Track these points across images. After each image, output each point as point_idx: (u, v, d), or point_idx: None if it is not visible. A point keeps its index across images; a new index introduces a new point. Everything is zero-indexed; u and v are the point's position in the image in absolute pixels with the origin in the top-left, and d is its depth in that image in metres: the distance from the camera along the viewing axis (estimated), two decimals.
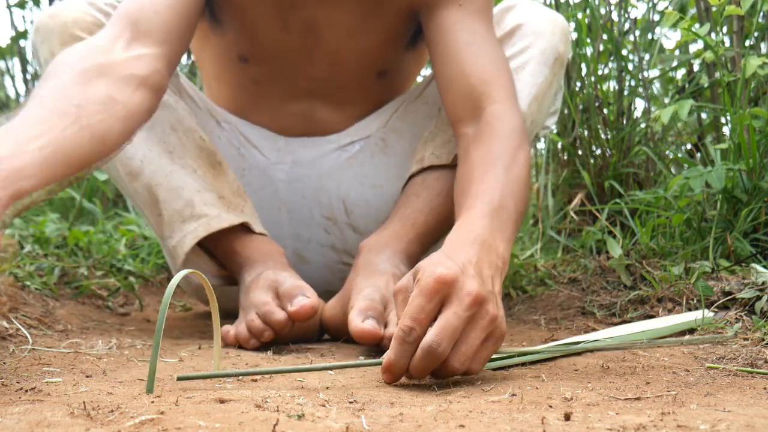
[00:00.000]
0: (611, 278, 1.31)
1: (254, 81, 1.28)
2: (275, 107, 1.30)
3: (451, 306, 0.73)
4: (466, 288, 0.74)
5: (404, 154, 1.28)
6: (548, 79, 1.22)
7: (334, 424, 0.58)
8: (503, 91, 1.05)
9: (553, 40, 1.22)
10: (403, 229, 1.14)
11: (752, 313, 1.04)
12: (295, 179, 1.30)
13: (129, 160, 1.14)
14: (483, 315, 0.75)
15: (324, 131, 1.32)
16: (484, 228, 0.85)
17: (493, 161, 0.96)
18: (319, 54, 1.22)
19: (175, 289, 0.77)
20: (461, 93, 1.07)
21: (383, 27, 1.20)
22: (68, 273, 1.47)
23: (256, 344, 1.01)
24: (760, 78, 1.39)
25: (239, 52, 1.25)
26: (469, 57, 1.08)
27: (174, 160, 1.14)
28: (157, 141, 1.14)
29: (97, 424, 0.57)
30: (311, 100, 1.29)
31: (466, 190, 0.94)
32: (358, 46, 1.22)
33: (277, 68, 1.25)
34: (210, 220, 1.12)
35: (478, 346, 0.74)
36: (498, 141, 0.99)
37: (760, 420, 0.59)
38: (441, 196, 1.17)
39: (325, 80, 1.26)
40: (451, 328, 0.73)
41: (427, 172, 1.19)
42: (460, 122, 1.07)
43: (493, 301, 0.77)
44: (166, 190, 1.13)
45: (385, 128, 1.30)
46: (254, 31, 1.20)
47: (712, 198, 1.38)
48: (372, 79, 1.29)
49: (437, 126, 1.21)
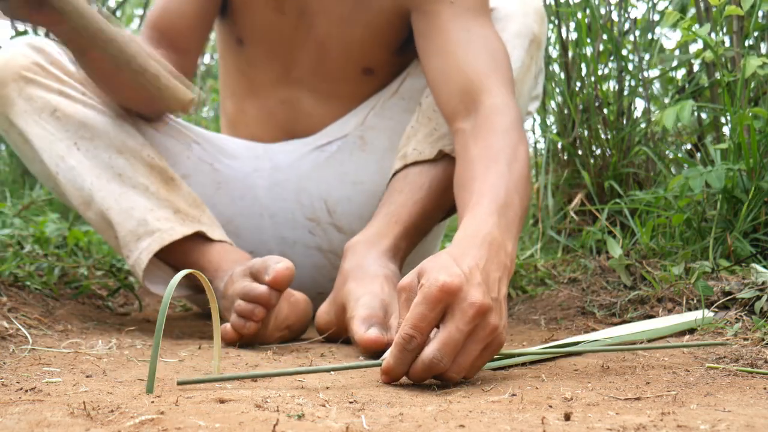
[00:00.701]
0: (611, 278, 1.31)
1: (249, 63, 1.32)
2: (266, 93, 1.33)
3: (453, 318, 0.73)
4: (470, 299, 0.73)
5: (383, 150, 1.29)
6: (525, 63, 1.21)
7: (334, 424, 0.58)
8: (500, 84, 1.05)
9: (526, 21, 1.21)
10: (387, 227, 1.13)
11: (752, 313, 1.04)
12: (275, 184, 1.31)
13: (79, 191, 1.15)
14: (484, 326, 0.75)
15: (306, 127, 1.34)
16: (492, 227, 0.84)
17: (495, 157, 0.95)
18: (309, 40, 1.26)
19: (173, 293, 0.77)
20: (457, 87, 1.07)
21: (371, 21, 1.23)
22: (68, 273, 1.47)
23: (253, 326, 0.99)
24: (760, 78, 1.39)
25: (237, 35, 1.30)
26: (463, 52, 1.08)
27: (124, 182, 1.15)
28: (104, 167, 1.15)
29: (97, 424, 0.57)
30: (299, 88, 1.31)
31: (468, 186, 0.94)
32: (346, 36, 1.25)
33: (270, 51, 1.28)
34: (163, 234, 1.13)
35: (475, 357, 0.75)
36: (498, 136, 0.98)
37: (760, 420, 0.59)
38: (424, 189, 1.16)
39: (312, 68, 1.29)
40: (453, 342, 0.73)
41: (409, 168, 1.18)
42: (455, 117, 1.06)
43: (497, 310, 0.76)
44: (118, 212, 1.14)
45: (362, 126, 1.31)
46: (251, 12, 1.25)
47: (712, 198, 1.38)
48: (358, 75, 1.30)
49: (418, 120, 1.21)
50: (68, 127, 1.15)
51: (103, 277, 1.55)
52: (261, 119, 1.36)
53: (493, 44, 1.10)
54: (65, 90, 1.17)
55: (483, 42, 1.09)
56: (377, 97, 1.32)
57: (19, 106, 1.15)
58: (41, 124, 1.15)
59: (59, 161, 1.15)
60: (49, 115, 1.15)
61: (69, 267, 1.48)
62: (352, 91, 1.32)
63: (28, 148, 1.17)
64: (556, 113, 1.85)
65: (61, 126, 1.15)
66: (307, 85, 1.31)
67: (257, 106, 1.35)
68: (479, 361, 0.76)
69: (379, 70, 1.31)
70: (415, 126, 1.21)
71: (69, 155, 1.15)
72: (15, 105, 1.15)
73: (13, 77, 1.15)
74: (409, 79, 1.30)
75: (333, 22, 1.23)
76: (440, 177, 1.16)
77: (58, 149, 1.15)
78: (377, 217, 1.16)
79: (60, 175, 1.15)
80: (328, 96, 1.32)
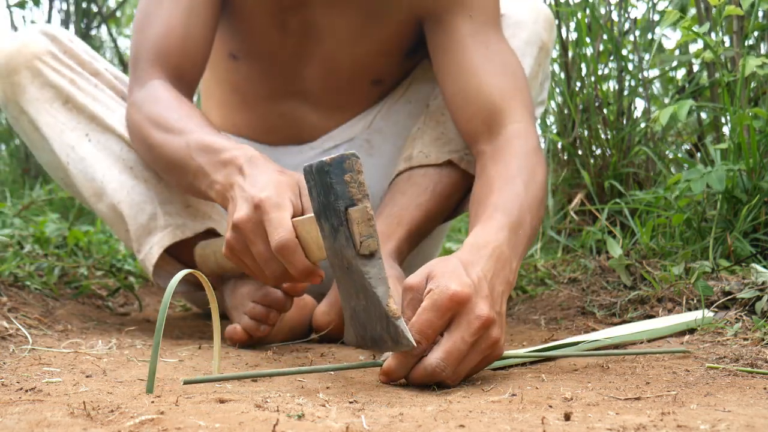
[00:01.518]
0: (611, 278, 1.31)
1: (243, 78, 1.27)
2: (263, 106, 1.29)
3: (459, 328, 0.75)
4: (477, 311, 0.75)
5: (389, 154, 1.28)
6: (533, 70, 1.21)
7: (334, 424, 0.58)
8: (523, 109, 1.05)
9: (536, 29, 1.21)
10: (389, 228, 1.13)
11: (752, 313, 1.04)
12: None
13: (90, 182, 1.15)
14: (486, 338, 0.76)
15: (309, 136, 1.30)
16: (502, 241, 0.85)
17: (513, 177, 0.96)
18: (314, 57, 1.21)
19: (175, 289, 0.77)
20: (479, 109, 1.06)
21: (383, 34, 1.19)
22: (68, 273, 1.47)
23: (267, 330, 1.01)
24: (759, 78, 1.39)
25: (230, 50, 1.24)
26: (485, 72, 1.08)
27: (135, 175, 1.14)
28: (115, 159, 1.15)
29: (97, 424, 0.57)
30: (300, 101, 1.27)
31: (484, 201, 0.94)
32: (355, 51, 1.21)
33: (269, 67, 1.24)
34: (174, 230, 1.13)
35: (474, 367, 0.77)
36: (517, 158, 0.99)
37: (760, 420, 0.59)
38: (428, 192, 1.16)
39: (317, 83, 1.25)
40: (458, 352, 0.74)
41: (413, 170, 1.18)
42: (477, 139, 1.07)
43: (499, 323, 0.78)
44: (129, 205, 1.13)
45: (369, 130, 1.30)
46: (249, 28, 1.20)
47: (712, 198, 1.38)
48: (366, 86, 1.27)
49: (425, 123, 1.21)
50: (80, 118, 1.15)
51: (103, 277, 1.55)
52: (256, 130, 1.32)
53: (511, 62, 1.10)
54: (78, 80, 1.16)
55: (502, 60, 1.09)
56: (383, 101, 1.30)
57: (30, 93, 1.14)
58: (52, 113, 1.14)
59: (70, 151, 1.14)
60: (61, 105, 1.15)
61: (69, 267, 1.48)
62: (360, 101, 1.30)
63: (38, 137, 1.16)
64: (556, 113, 1.85)
65: (73, 117, 1.14)
66: (311, 98, 1.27)
67: (251, 119, 1.31)
68: (475, 369, 0.78)
69: (388, 78, 1.28)
70: (421, 128, 1.21)
71: (80, 146, 1.14)
72: (26, 92, 1.14)
73: (25, 64, 1.14)
74: (416, 82, 1.28)
75: (341, 39, 1.19)
76: (444, 182, 1.16)
77: (69, 139, 1.14)
78: (380, 217, 1.15)
79: (71, 165, 1.15)
80: (333, 108, 1.29)
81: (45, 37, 1.16)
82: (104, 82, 1.19)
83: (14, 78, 1.15)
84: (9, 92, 1.16)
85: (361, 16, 1.17)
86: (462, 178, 1.17)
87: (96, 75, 1.18)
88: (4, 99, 1.17)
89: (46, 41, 1.16)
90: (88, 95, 1.16)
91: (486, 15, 1.11)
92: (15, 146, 2.84)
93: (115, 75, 1.21)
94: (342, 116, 1.30)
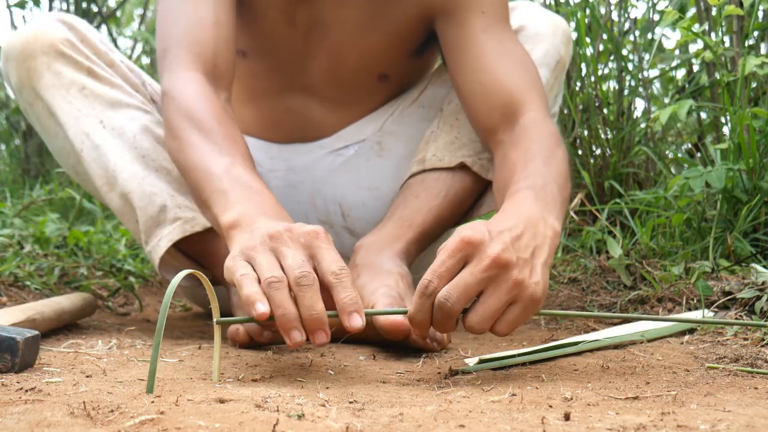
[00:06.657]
0: (611, 278, 1.31)
1: (252, 74, 1.27)
2: (269, 101, 1.29)
3: (469, 265, 0.76)
4: (488, 251, 0.76)
5: (400, 156, 1.28)
6: (549, 82, 1.22)
7: (334, 424, 0.58)
8: (538, 100, 1.07)
9: (555, 42, 1.22)
10: (400, 230, 1.13)
11: (752, 313, 1.04)
12: (289, 185, 1.30)
13: (103, 170, 1.14)
14: (506, 279, 0.77)
15: (316, 133, 1.30)
16: (530, 206, 0.86)
17: (533, 157, 0.97)
18: (322, 50, 1.21)
19: (175, 289, 0.77)
20: (498, 102, 1.07)
21: (390, 28, 1.19)
22: (68, 273, 1.47)
23: (269, 336, 0.99)
24: (759, 78, 1.39)
25: (239, 47, 1.24)
26: (502, 66, 1.09)
27: (147, 165, 1.14)
28: (129, 147, 1.14)
29: (97, 424, 0.57)
30: (308, 96, 1.28)
31: (507, 183, 0.96)
32: (362, 45, 1.21)
33: (277, 62, 1.24)
34: (184, 223, 1.12)
35: (498, 309, 0.77)
36: (536, 141, 1.01)
37: (760, 420, 0.59)
38: (440, 197, 1.16)
39: (324, 77, 1.25)
40: (463, 284, 0.75)
41: (426, 173, 1.18)
42: (495, 131, 1.07)
43: (524, 267, 0.78)
44: (140, 196, 1.13)
45: (380, 131, 1.29)
46: (257, 24, 1.20)
47: (712, 198, 1.38)
48: (373, 82, 1.27)
49: (440, 127, 1.21)
50: (95, 105, 1.14)
51: (103, 277, 1.55)
52: (263, 126, 1.32)
53: (525, 58, 1.11)
54: (94, 69, 1.16)
55: (516, 55, 1.10)
56: (396, 104, 1.30)
57: (46, 79, 1.14)
58: (68, 99, 1.14)
59: (84, 138, 1.14)
60: (78, 92, 1.14)
61: (69, 267, 1.48)
62: (366, 97, 1.29)
63: (53, 123, 1.16)
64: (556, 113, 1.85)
65: (89, 103, 1.14)
66: (317, 93, 1.27)
67: (258, 115, 1.31)
68: (508, 315, 0.78)
69: (395, 75, 1.28)
70: (435, 131, 1.21)
71: (94, 132, 1.13)
72: (43, 78, 1.14)
73: (42, 50, 1.14)
74: (431, 87, 1.28)
75: (348, 31, 1.19)
76: (457, 186, 1.17)
77: (84, 125, 1.14)
78: (391, 219, 1.15)
79: (84, 153, 1.14)
80: (339, 103, 1.28)
81: (63, 24, 1.16)
82: (119, 73, 1.18)
83: (30, 63, 1.14)
84: (25, 77, 1.15)
85: (369, 9, 1.17)
86: (474, 183, 1.18)
87: (111, 66, 1.18)
88: (20, 84, 1.17)
89: (64, 29, 1.16)
90: (105, 83, 1.16)
91: (497, 11, 1.12)
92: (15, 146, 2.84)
93: (130, 67, 1.21)
94: (348, 113, 1.30)
